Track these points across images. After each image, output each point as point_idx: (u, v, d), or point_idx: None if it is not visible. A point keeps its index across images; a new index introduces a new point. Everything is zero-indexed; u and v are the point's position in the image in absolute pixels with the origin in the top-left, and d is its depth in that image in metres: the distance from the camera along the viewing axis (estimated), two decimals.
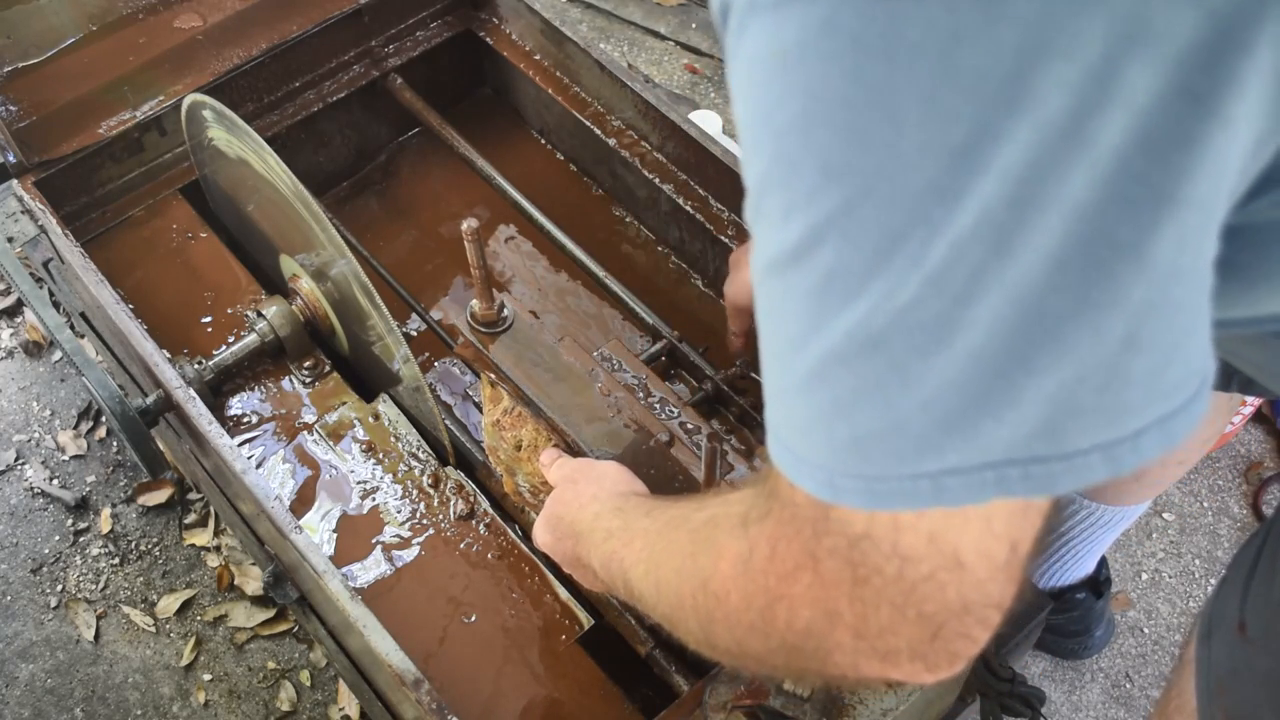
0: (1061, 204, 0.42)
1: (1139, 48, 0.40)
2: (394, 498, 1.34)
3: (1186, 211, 0.43)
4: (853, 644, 0.54)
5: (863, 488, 0.48)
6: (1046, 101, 0.41)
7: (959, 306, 0.44)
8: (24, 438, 1.93)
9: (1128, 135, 0.41)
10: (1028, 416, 0.45)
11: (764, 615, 0.57)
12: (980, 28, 0.40)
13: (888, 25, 0.41)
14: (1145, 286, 0.43)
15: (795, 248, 0.46)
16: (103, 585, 1.78)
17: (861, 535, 0.50)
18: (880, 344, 0.45)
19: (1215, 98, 0.41)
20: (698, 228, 1.55)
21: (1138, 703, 1.69)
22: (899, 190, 0.43)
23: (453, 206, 1.73)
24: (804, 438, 0.50)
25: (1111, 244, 0.42)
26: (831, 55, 0.42)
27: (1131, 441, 0.46)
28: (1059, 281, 0.43)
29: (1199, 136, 0.41)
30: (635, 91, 1.55)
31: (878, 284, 0.44)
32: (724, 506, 0.65)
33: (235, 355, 1.41)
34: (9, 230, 1.54)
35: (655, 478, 1.06)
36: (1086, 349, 0.44)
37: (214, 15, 1.63)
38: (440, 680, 1.17)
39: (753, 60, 0.46)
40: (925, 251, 0.43)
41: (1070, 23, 0.40)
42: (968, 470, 0.46)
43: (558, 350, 1.16)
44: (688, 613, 0.65)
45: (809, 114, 0.44)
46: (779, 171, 0.46)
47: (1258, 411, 1.90)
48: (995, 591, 0.51)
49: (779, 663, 0.60)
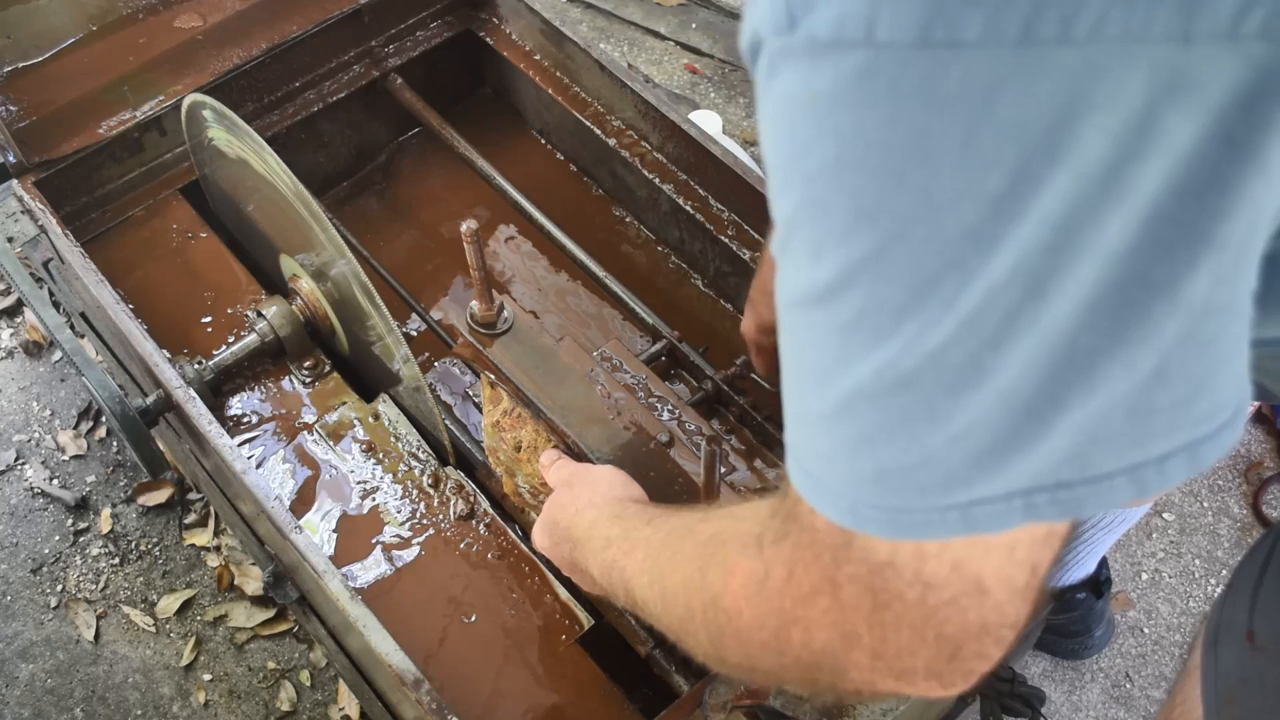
0: (1098, 250, 0.42)
1: (1179, 97, 0.39)
2: (394, 498, 1.33)
3: (1222, 252, 0.42)
4: (870, 664, 0.54)
5: (886, 519, 0.48)
6: (1087, 151, 0.40)
7: (991, 349, 0.44)
8: (24, 438, 1.93)
9: (1165, 181, 0.41)
10: (1057, 447, 0.45)
11: (778, 635, 0.57)
12: (1021, 78, 0.40)
13: (927, 74, 0.41)
14: (1178, 322, 0.43)
15: (826, 286, 0.46)
16: (103, 585, 1.78)
17: (884, 563, 0.50)
18: (910, 384, 0.45)
19: (1253, 143, 0.40)
20: (698, 228, 1.55)
21: (1138, 703, 1.69)
22: (934, 235, 0.43)
23: (453, 207, 1.73)
24: (827, 466, 0.50)
25: (1146, 285, 0.42)
26: (869, 101, 0.42)
27: (1157, 465, 0.46)
28: (1092, 323, 0.43)
29: (1236, 181, 0.41)
30: (635, 91, 1.55)
31: (909, 326, 0.44)
32: (732, 521, 0.64)
33: (235, 355, 1.41)
34: (9, 230, 1.54)
35: (654, 481, 1.06)
36: (1117, 383, 0.44)
37: (214, 15, 1.63)
38: (440, 680, 1.17)
39: (784, 102, 0.45)
40: (959, 295, 0.43)
41: (1111, 73, 0.39)
42: (995, 500, 0.46)
43: (558, 351, 1.16)
44: (697, 626, 0.65)
45: (843, 158, 0.44)
46: (809, 212, 0.46)
47: (1258, 411, 1.90)
48: (1013, 613, 0.51)
49: (791, 679, 0.60)
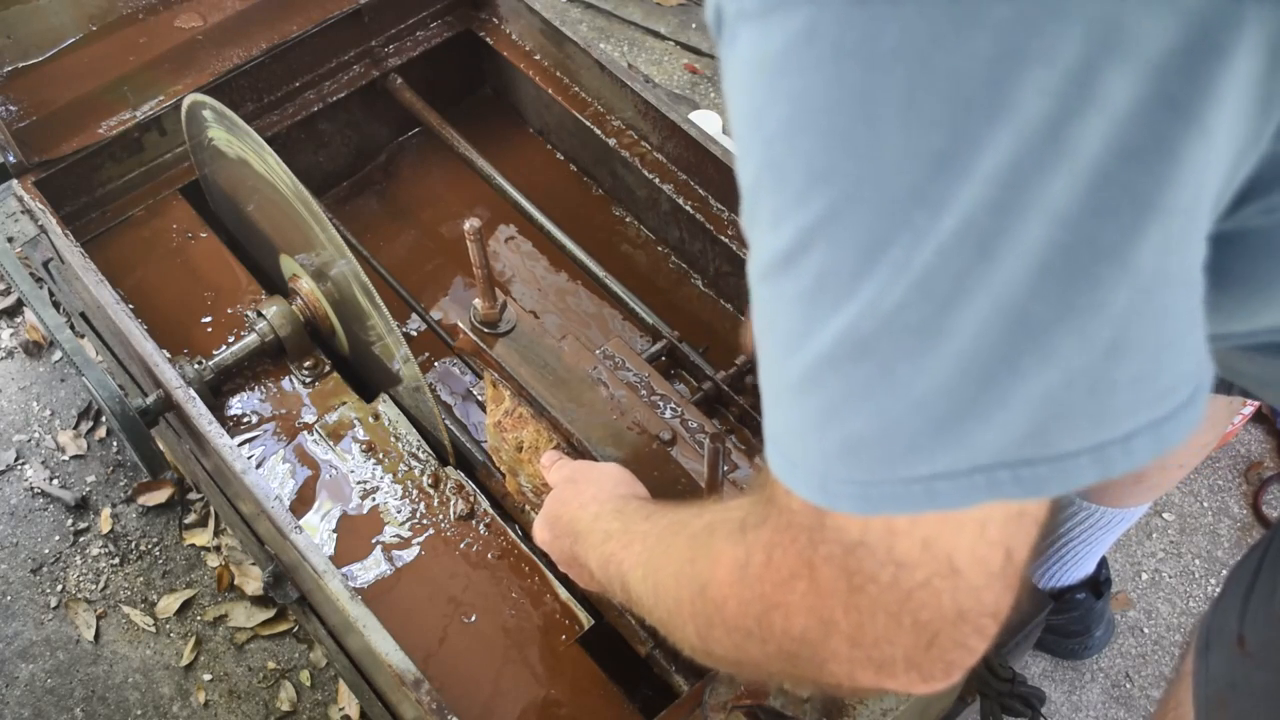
0: (1044, 210, 0.42)
1: (1116, 53, 0.40)
2: (394, 498, 1.33)
3: (1169, 218, 0.43)
4: (848, 652, 0.53)
5: (856, 492, 0.48)
6: (1025, 107, 0.41)
7: (945, 311, 0.44)
8: (24, 438, 1.93)
9: (1108, 142, 0.41)
10: (1016, 420, 0.45)
11: (760, 622, 0.57)
12: (955, 33, 0.40)
13: (865, 31, 0.41)
14: (1130, 292, 0.43)
15: (786, 253, 0.47)
16: (103, 585, 1.78)
17: (857, 542, 0.50)
18: (869, 348, 0.45)
19: (1194, 105, 0.41)
20: (698, 228, 1.55)
21: (1138, 703, 1.69)
22: (883, 195, 0.43)
23: (453, 206, 1.73)
24: (798, 442, 0.50)
25: (1094, 250, 0.42)
26: (813, 62, 0.43)
27: (1122, 444, 0.46)
28: (1043, 287, 0.43)
29: (1179, 144, 0.41)
30: (635, 91, 1.55)
31: (865, 288, 0.45)
32: (723, 513, 0.65)
33: (235, 355, 1.41)
34: (9, 230, 1.54)
35: (658, 479, 1.06)
36: (1073, 353, 0.44)
37: (214, 15, 1.63)
38: (440, 680, 1.17)
39: (742, 67, 0.46)
40: (911, 256, 0.43)
41: (1047, 27, 0.40)
42: (958, 474, 0.46)
43: (560, 350, 1.16)
44: (685, 618, 0.65)
45: (794, 120, 0.44)
46: (768, 177, 0.47)
47: (1258, 411, 1.90)
48: (991, 599, 0.51)
49: (776, 669, 0.60)
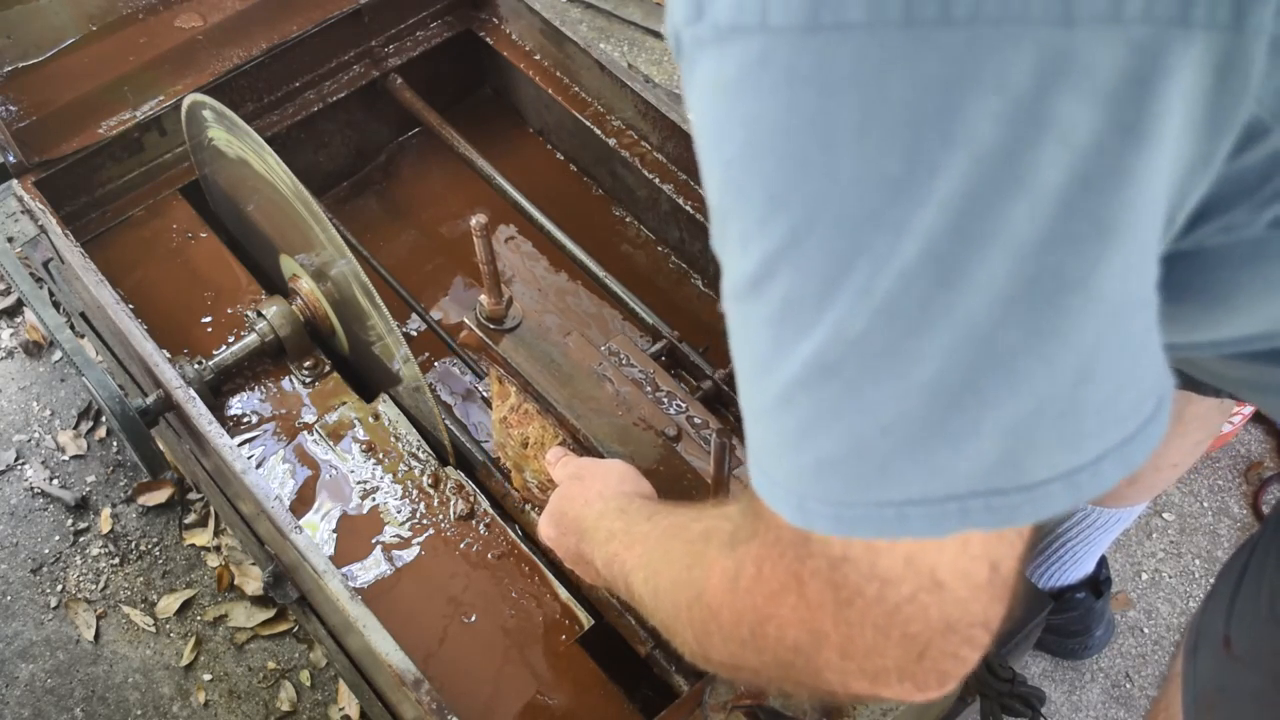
0: (1005, 239, 0.42)
1: (1066, 80, 0.40)
2: (394, 498, 1.33)
3: (1130, 243, 0.43)
4: (840, 664, 0.54)
5: (831, 513, 0.48)
6: (980, 134, 0.40)
7: (910, 337, 0.44)
8: (24, 438, 1.93)
9: (1069, 173, 0.41)
10: (987, 448, 0.45)
11: (755, 632, 0.57)
12: (906, 58, 0.40)
13: (818, 58, 0.41)
14: (1095, 319, 0.43)
15: (753, 277, 0.47)
16: (103, 585, 1.78)
17: (841, 558, 0.50)
18: (838, 372, 0.45)
19: (1145, 128, 0.41)
20: (698, 228, 1.55)
21: (1138, 703, 1.69)
22: (841, 220, 0.43)
23: (453, 206, 1.73)
24: (776, 461, 0.50)
25: (1059, 280, 0.42)
26: (768, 87, 0.43)
27: (1091, 469, 0.46)
28: (1009, 316, 0.43)
29: (1135, 168, 0.42)
30: (635, 91, 1.55)
31: (830, 313, 0.45)
32: (718, 520, 0.65)
33: (235, 355, 1.41)
34: (9, 230, 1.53)
35: (663, 475, 1.06)
36: (1041, 381, 0.44)
37: (214, 15, 1.63)
38: (440, 680, 1.17)
39: (701, 92, 0.46)
40: (873, 282, 0.43)
41: (996, 55, 0.39)
42: (931, 501, 0.46)
43: (566, 346, 1.16)
44: (684, 624, 0.66)
45: (751, 143, 0.44)
46: (731, 200, 0.47)
47: (1257, 411, 1.90)
48: (979, 610, 0.50)
49: (773, 676, 0.60)
